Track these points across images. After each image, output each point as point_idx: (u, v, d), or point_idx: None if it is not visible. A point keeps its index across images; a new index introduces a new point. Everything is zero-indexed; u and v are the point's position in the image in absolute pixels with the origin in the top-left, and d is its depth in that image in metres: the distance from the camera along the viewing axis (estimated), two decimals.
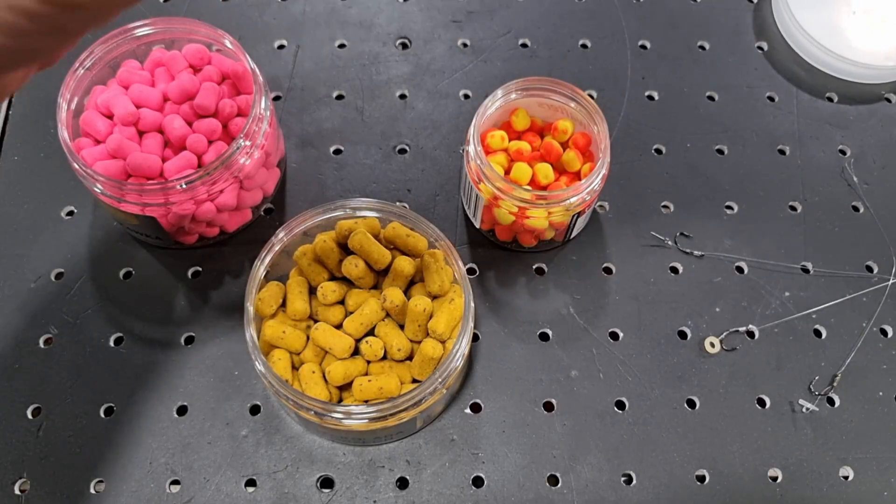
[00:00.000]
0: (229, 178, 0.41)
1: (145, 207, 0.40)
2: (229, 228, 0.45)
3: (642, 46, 0.54)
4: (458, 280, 0.40)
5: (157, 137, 0.42)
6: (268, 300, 0.39)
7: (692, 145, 0.50)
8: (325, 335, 0.38)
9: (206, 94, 0.42)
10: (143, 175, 0.41)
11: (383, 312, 0.39)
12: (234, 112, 0.43)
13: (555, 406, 0.42)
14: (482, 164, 0.41)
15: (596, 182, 0.41)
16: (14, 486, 0.40)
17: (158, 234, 0.43)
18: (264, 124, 0.42)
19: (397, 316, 0.39)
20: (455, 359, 0.37)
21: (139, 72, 0.43)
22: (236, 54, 0.43)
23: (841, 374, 0.44)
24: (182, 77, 0.42)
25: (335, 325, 0.39)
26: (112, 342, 0.43)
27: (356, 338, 0.39)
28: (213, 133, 0.42)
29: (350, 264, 0.39)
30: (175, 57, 0.43)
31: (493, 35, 0.53)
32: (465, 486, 0.40)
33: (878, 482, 0.41)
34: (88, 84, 0.43)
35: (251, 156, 0.42)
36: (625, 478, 0.41)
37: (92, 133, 0.42)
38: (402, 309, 0.38)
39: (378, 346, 0.38)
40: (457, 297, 0.39)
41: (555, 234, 0.45)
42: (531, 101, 0.44)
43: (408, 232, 0.40)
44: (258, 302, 0.39)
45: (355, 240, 0.39)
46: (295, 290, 0.39)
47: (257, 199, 0.45)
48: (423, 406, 0.37)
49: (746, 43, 0.54)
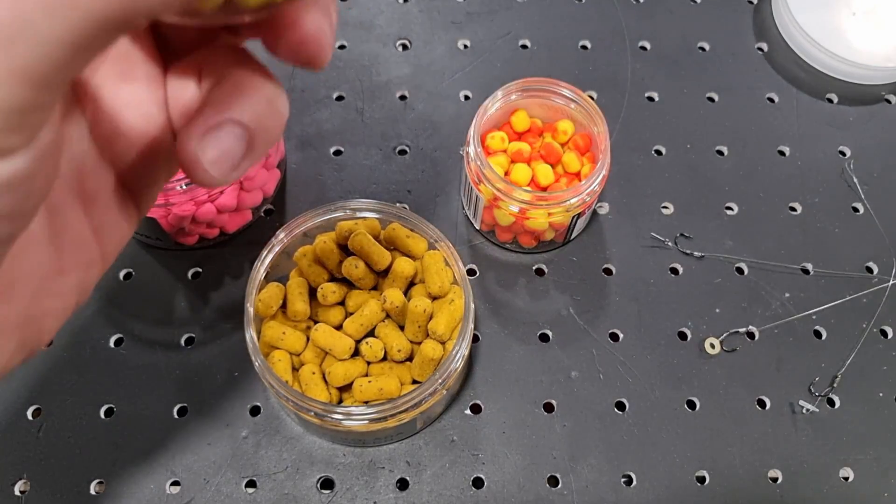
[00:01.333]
0: None
1: None
2: (229, 229, 0.45)
3: (642, 47, 0.54)
4: (458, 281, 0.40)
5: None
6: (268, 301, 0.39)
7: (692, 146, 0.50)
8: (326, 336, 0.38)
9: None
10: None
11: (383, 313, 0.39)
12: None
13: (555, 407, 0.42)
14: (482, 165, 0.41)
15: (596, 183, 0.41)
16: (14, 487, 0.40)
17: (159, 235, 0.43)
18: None
19: (397, 317, 0.39)
20: (455, 360, 0.37)
21: None
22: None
23: (841, 375, 0.44)
24: None
25: (335, 327, 0.39)
26: (112, 343, 0.43)
27: (356, 339, 0.39)
28: None
29: (350, 265, 0.39)
30: None
31: (493, 36, 0.54)
32: (465, 487, 0.40)
33: (878, 483, 0.41)
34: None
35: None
36: (625, 479, 0.41)
37: None
38: (402, 310, 0.38)
39: (378, 347, 0.38)
40: (457, 298, 0.39)
41: (555, 234, 0.45)
42: (531, 101, 0.44)
43: (408, 233, 0.40)
44: (258, 303, 0.39)
45: (356, 241, 0.39)
46: (295, 292, 0.39)
47: (257, 200, 0.45)
48: (423, 407, 0.37)
49: (746, 44, 0.54)
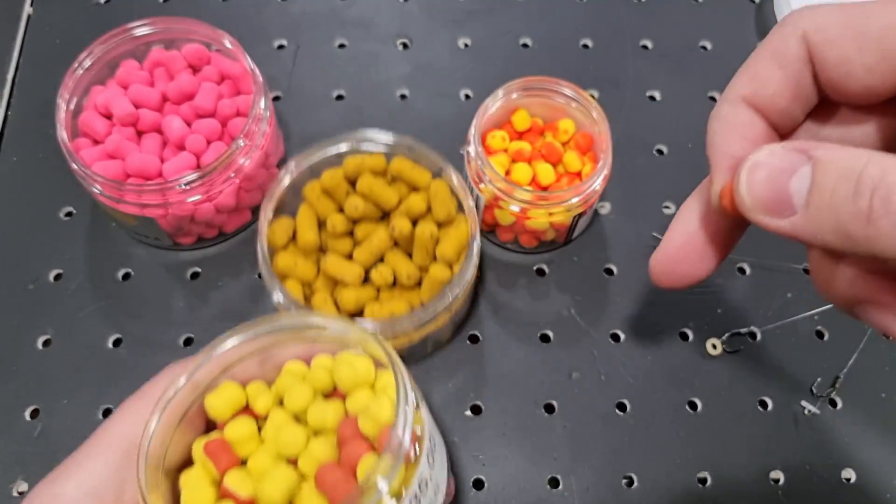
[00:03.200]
0: (228, 178, 0.41)
1: (144, 208, 0.40)
2: (228, 229, 0.45)
3: (644, 46, 0.53)
4: (463, 207, 0.40)
5: (156, 138, 0.42)
6: (279, 231, 0.39)
7: (694, 146, 0.50)
8: (336, 264, 0.39)
9: (205, 95, 0.42)
10: (142, 176, 0.41)
11: (391, 241, 0.40)
12: (233, 112, 0.42)
13: (556, 408, 0.42)
14: (483, 164, 0.41)
15: (597, 182, 0.41)
16: (11, 487, 0.39)
17: (157, 234, 0.43)
18: (263, 124, 0.42)
19: (405, 245, 0.40)
20: (462, 282, 0.38)
21: (138, 72, 0.43)
22: (236, 54, 0.43)
23: (843, 375, 0.43)
24: (181, 77, 0.42)
25: (345, 256, 0.40)
26: (111, 343, 0.43)
27: (366, 267, 0.39)
28: (212, 133, 0.42)
29: (352, 206, 0.39)
30: (174, 57, 0.43)
31: (494, 35, 0.53)
32: (466, 488, 0.40)
33: (881, 484, 0.41)
34: (87, 84, 0.43)
35: (250, 156, 0.41)
36: (626, 480, 0.41)
37: (91, 133, 0.42)
38: (409, 238, 0.39)
39: (388, 273, 0.39)
40: (462, 223, 0.40)
41: (556, 234, 0.45)
42: (533, 101, 0.44)
43: (412, 165, 0.41)
44: (270, 233, 0.39)
45: (363, 184, 0.39)
46: (305, 223, 0.40)
47: (256, 199, 0.45)
48: (430, 326, 0.37)
49: (748, 43, 0.54)
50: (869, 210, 0.20)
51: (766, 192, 0.22)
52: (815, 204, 0.21)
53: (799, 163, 0.22)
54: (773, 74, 0.26)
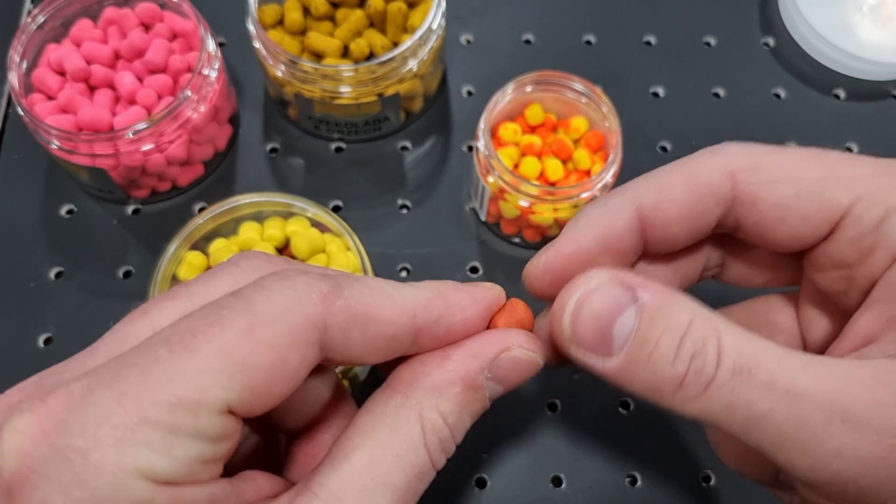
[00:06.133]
0: (177, 129, 0.42)
1: (96, 159, 0.41)
2: (181, 183, 0.46)
3: (647, 42, 0.53)
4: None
5: (108, 93, 0.43)
6: (269, 12, 0.45)
7: (697, 142, 0.49)
8: (318, 40, 0.45)
9: (156, 51, 0.43)
10: (94, 128, 0.42)
11: (368, 20, 0.45)
12: (185, 68, 0.43)
13: (559, 406, 0.42)
14: (490, 155, 0.41)
15: (607, 177, 0.41)
16: None
17: (111, 188, 0.44)
18: (212, 74, 0.43)
19: (380, 24, 0.46)
20: (431, 38, 0.44)
21: (92, 30, 0.44)
22: (186, 11, 0.44)
23: None
24: (133, 34, 0.43)
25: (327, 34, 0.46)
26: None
27: (345, 42, 0.45)
28: (163, 88, 0.43)
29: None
30: (127, 15, 0.44)
31: (497, 31, 0.53)
32: (468, 486, 0.40)
33: None
34: (41, 42, 0.44)
35: (197, 110, 0.42)
36: (629, 479, 0.41)
37: (44, 90, 0.43)
38: (383, 15, 0.45)
39: (365, 44, 0.44)
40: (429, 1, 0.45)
41: (560, 231, 0.44)
42: (546, 95, 0.44)
43: None
44: (260, 13, 0.44)
45: None
46: (291, 6, 0.45)
47: (208, 153, 0.46)
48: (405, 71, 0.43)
49: (753, 39, 0.53)
50: (684, 374, 0.20)
51: (590, 330, 0.21)
52: (635, 354, 0.20)
53: (626, 303, 0.21)
54: (682, 198, 0.24)
